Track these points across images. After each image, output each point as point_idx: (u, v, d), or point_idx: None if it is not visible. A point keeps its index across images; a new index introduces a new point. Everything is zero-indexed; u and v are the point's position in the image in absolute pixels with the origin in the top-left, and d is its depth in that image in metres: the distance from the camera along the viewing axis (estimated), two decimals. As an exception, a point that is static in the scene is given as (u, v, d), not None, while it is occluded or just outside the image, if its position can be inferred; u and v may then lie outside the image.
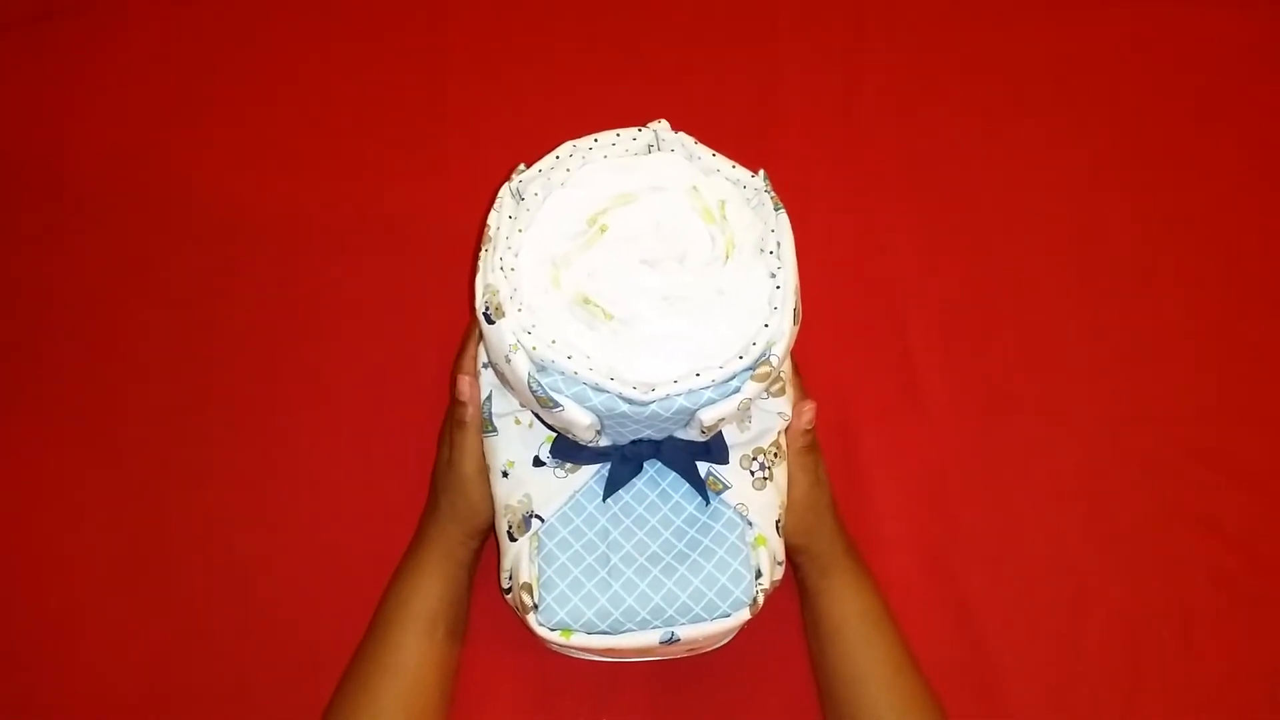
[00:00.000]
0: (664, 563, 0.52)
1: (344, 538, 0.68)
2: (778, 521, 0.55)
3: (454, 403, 0.59)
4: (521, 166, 0.52)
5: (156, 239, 0.75)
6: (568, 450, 0.54)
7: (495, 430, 0.57)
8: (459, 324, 0.66)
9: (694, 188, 0.51)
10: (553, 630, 0.52)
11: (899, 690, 0.59)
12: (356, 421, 0.71)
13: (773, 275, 0.49)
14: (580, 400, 0.47)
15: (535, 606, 0.52)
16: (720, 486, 0.54)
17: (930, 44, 0.81)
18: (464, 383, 0.58)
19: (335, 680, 0.60)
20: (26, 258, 0.75)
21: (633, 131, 0.53)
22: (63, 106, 0.79)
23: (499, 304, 0.47)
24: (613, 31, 0.81)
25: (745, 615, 0.52)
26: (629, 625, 0.51)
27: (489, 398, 0.58)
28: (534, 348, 0.47)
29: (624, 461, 0.53)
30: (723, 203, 0.51)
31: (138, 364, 0.72)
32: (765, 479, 0.55)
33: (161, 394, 0.71)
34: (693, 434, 0.51)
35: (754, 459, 0.56)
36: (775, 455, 0.57)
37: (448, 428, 0.62)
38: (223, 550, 0.68)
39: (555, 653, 0.57)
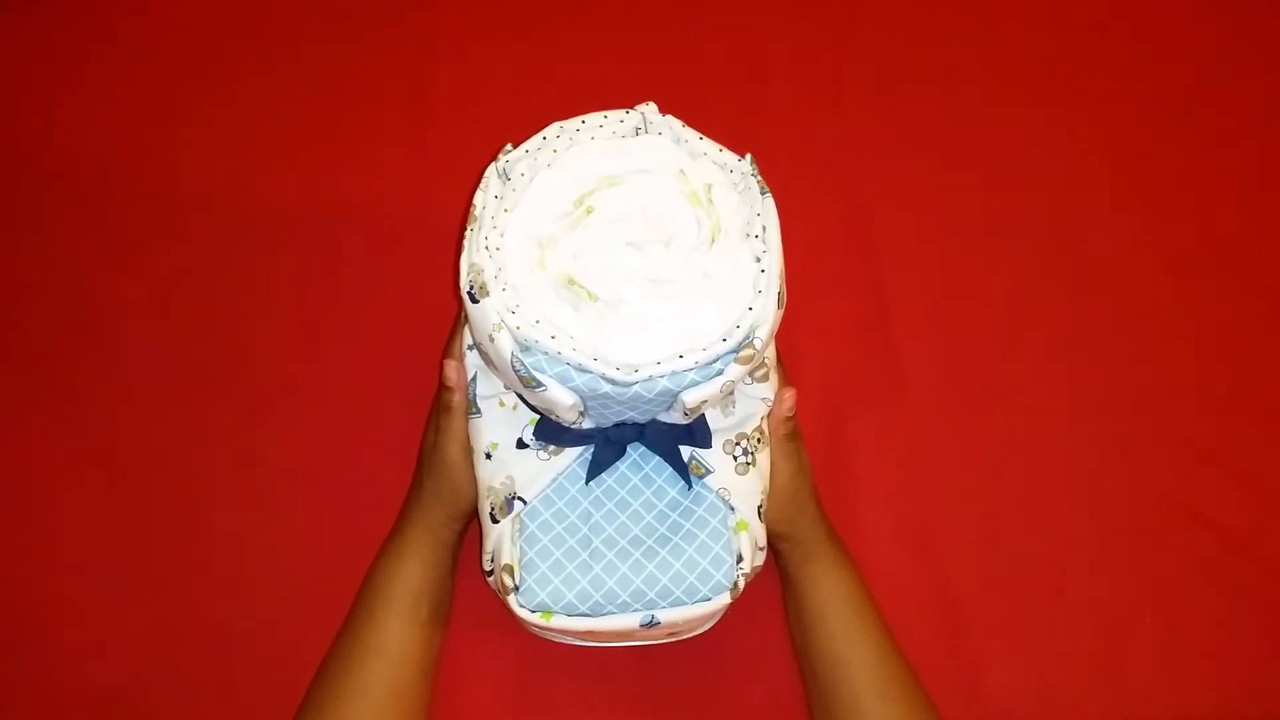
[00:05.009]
0: (645, 546, 0.53)
1: (329, 523, 0.68)
2: (760, 507, 0.55)
3: (441, 387, 0.59)
4: (508, 147, 0.52)
5: (143, 224, 0.75)
6: (551, 433, 0.54)
7: (479, 412, 0.57)
8: (445, 309, 0.66)
9: (681, 171, 0.51)
10: (533, 612, 0.52)
11: (882, 674, 0.59)
12: (342, 407, 0.71)
13: (758, 259, 0.49)
14: (563, 380, 0.47)
15: (516, 588, 0.52)
16: (703, 471, 0.55)
17: (918, 32, 0.81)
18: (450, 367, 0.58)
19: (320, 660, 0.60)
20: (13, 243, 0.75)
21: (620, 114, 0.53)
22: (49, 92, 0.78)
23: (483, 283, 0.47)
24: (601, 14, 0.81)
25: (726, 600, 0.52)
26: (609, 608, 0.52)
27: (474, 379, 0.58)
28: (518, 327, 0.47)
29: (607, 445, 0.54)
30: (709, 186, 0.51)
31: (125, 350, 0.72)
32: (748, 464, 0.56)
33: (147, 380, 0.71)
34: (676, 417, 0.51)
35: (737, 444, 0.56)
36: (758, 441, 0.57)
37: (434, 411, 0.62)
38: (208, 535, 0.68)
39: (537, 637, 0.57)
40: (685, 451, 0.54)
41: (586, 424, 0.52)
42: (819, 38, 0.81)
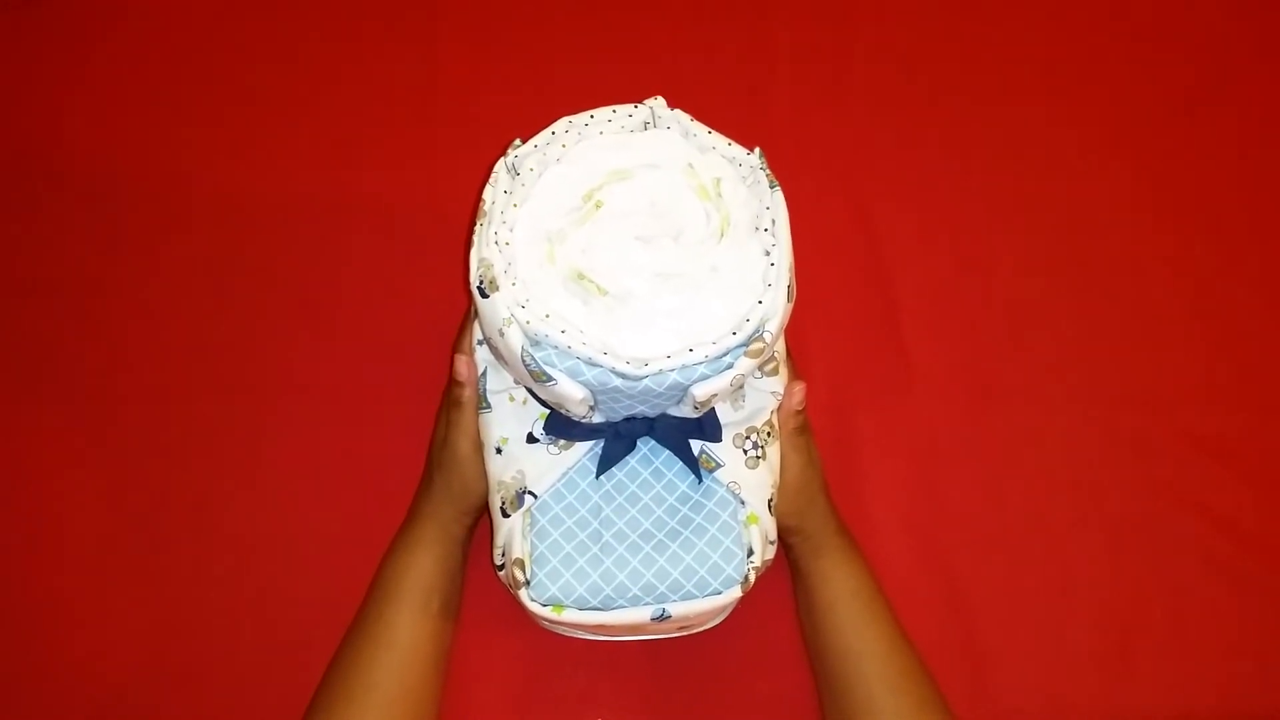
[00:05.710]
0: (656, 540, 0.53)
1: (339, 519, 0.68)
2: (770, 500, 0.55)
3: (452, 382, 0.59)
4: (517, 142, 0.52)
5: (150, 221, 0.75)
6: (561, 427, 0.54)
7: (489, 407, 0.57)
8: (453, 305, 0.66)
9: (689, 165, 0.51)
10: (544, 606, 0.52)
11: (893, 666, 0.59)
12: (351, 403, 0.71)
13: (767, 253, 0.49)
14: (573, 374, 0.47)
15: (527, 582, 0.52)
16: (713, 465, 0.55)
17: (922, 25, 0.81)
18: (461, 363, 0.58)
19: (328, 657, 0.60)
20: (15, 241, 0.75)
21: (629, 108, 0.53)
22: (51, 91, 0.78)
23: (493, 278, 0.48)
24: (606, 10, 0.81)
25: (736, 593, 0.52)
26: (621, 601, 0.52)
27: (483, 374, 0.58)
28: (528, 321, 0.47)
29: (617, 439, 0.54)
30: (718, 180, 0.51)
31: (131, 345, 0.72)
32: (758, 458, 0.56)
33: (155, 376, 0.71)
34: (686, 410, 0.51)
35: (747, 438, 0.56)
36: (768, 435, 0.57)
37: (445, 406, 0.62)
38: (215, 533, 0.68)
39: (548, 632, 0.57)
40: (695, 445, 0.54)
41: (596, 418, 0.52)
42: (823, 32, 0.80)
